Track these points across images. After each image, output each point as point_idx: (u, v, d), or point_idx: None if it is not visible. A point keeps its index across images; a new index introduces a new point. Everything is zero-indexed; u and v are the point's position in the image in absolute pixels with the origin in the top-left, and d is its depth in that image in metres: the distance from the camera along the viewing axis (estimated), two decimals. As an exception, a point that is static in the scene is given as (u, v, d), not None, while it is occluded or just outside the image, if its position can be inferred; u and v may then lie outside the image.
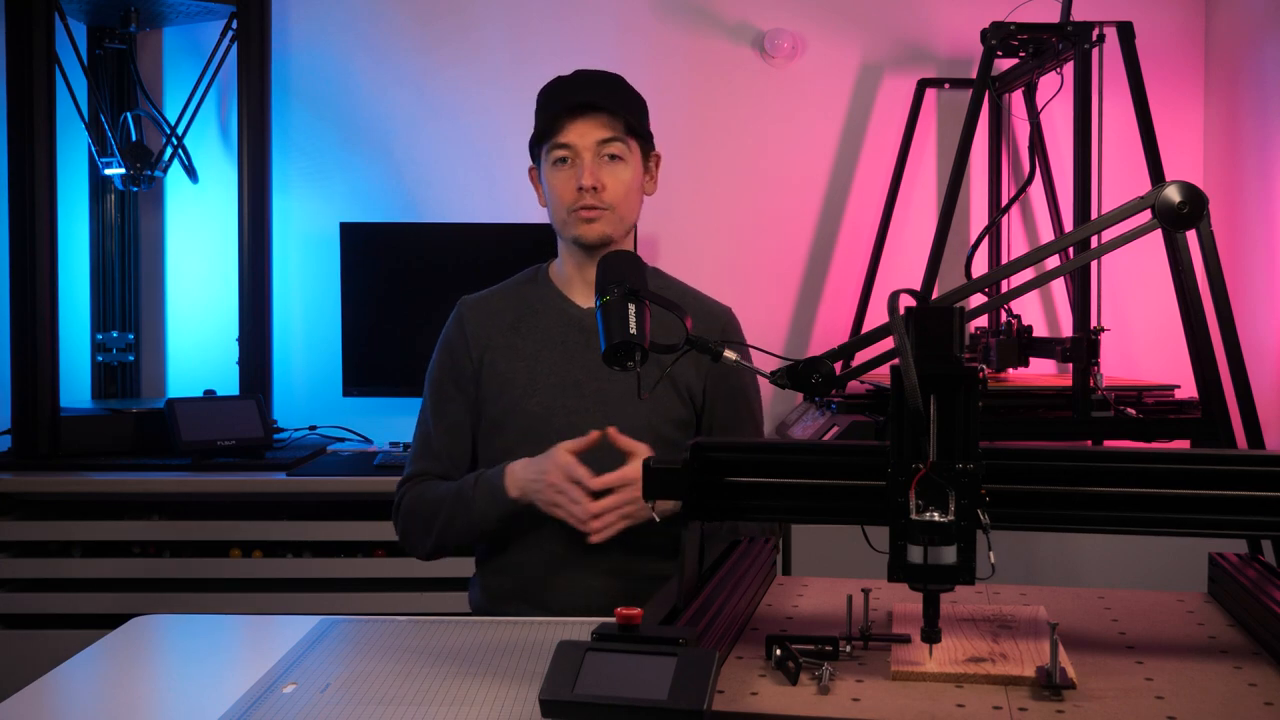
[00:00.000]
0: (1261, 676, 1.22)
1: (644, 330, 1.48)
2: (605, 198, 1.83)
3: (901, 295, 1.23)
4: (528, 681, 1.32)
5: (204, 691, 1.35)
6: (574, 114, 1.82)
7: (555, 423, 1.84)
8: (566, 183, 1.83)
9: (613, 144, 1.83)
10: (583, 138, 1.82)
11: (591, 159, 1.82)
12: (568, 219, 1.85)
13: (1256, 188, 3.23)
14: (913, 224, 3.51)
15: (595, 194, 1.82)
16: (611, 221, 1.84)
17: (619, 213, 1.85)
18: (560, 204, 1.85)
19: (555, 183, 1.85)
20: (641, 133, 1.87)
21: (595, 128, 1.82)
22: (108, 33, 3.32)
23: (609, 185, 1.83)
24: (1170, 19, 3.51)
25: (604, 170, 1.83)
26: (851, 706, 1.13)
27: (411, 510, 1.90)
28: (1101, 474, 1.25)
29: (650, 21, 3.51)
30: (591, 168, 1.82)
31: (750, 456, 1.34)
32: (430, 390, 1.95)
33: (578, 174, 1.82)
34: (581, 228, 1.84)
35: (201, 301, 3.50)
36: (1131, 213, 1.37)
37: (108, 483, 2.91)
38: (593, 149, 1.82)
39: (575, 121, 1.82)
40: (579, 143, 1.82)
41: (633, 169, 1.86)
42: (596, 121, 1.82)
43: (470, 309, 1.95)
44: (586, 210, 1.83)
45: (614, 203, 1.84)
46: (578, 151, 1.82)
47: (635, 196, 1.88)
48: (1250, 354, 2.85)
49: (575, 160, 1.83)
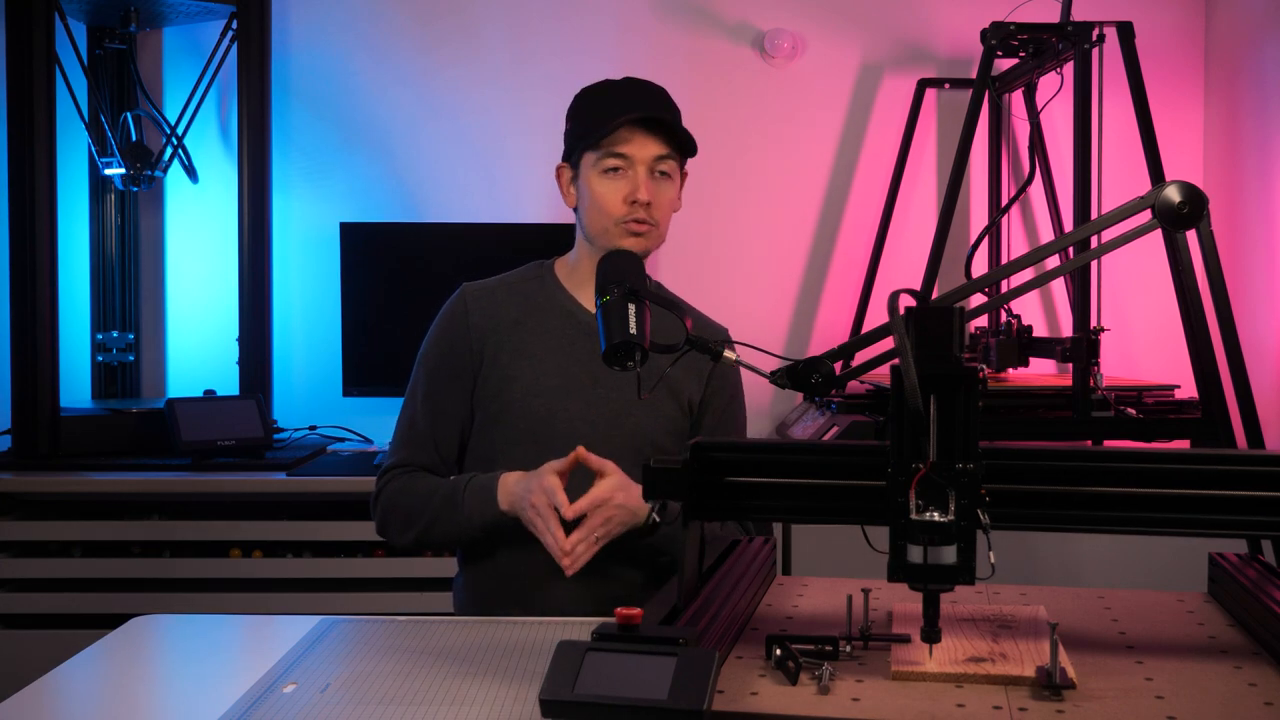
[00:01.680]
0: (1261, 676, 1.22)
1: (644, 330, 1.48)
2: (654, 214, 1.81)
3: (901, 295, 1.23)
4: (528, 681, 1.32)
5: (204, 691, 1.35)
6: (638, 126, 1.79)
7: (557, 425, 1.84)
8: (617, 192, 1.80)
9: (667, 162, 1.82)
10: (642, 150, 1.79)
11: (645, 173, 1.80)
12: (611, 229, 1.81)
13: (1256, 188, 3.23)
14: (913, 224, 3.51)
15: (648, 209, 1.80)
16: (654, 238, 1.83)
17: (661, 230, 1.84)
18: (606, 212, 1.81)
19: (603, 190, 1.81)
20: (689, 153, 1.86)
21: (655, 143, 1.80)
22: (108, 33, 3.32)
23: (658, 202, 1.81)
24: (1170, 19, 3.51)
25: (655, 186, 1.81)
26: (851, 706, 1.13)
27: (393, 503, 1.88)
28: (1101, 474, 1.25)
29: (650, 21, 3.51)
30: (647, 182, 1.80)
31: (750, 456, 1.34)
32: (423, 375, 1.91)
33: (631, 185, 1.80)
34: (628, 240, 1.81)
35: (201, 301, 3.50)
36: (1131, 213, 1.37)
37: (108, 483, 2.91)
38: (648, 163, 1.80)
39: (638, 134, 1.79)
40: (638, 155, 1.79)
41: (676, 188, 1.86)
42: (657, 136, 1.80)
43: (474, 298, 1.91)
44: (637, 224, 1.80)
45: (659, 220, 1.83)
46: (634, 164, 1.80)
47: (671, 214, 1.87)
48: (1250, 354, 2.85)
49: (629, 171, 1.80)
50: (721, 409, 1.91)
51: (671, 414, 1.87)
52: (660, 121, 1.79)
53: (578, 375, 1.86)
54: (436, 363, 1.90)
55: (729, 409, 1.93)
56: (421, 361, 1.92)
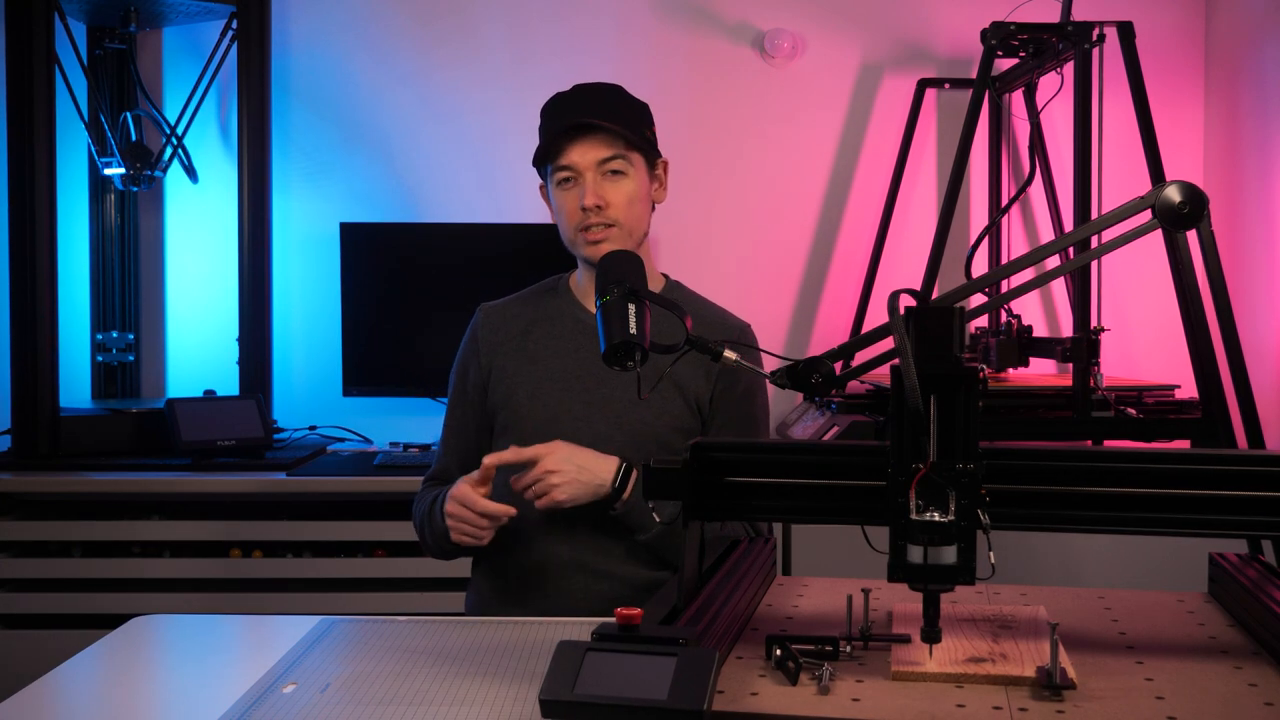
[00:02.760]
0: (1261, 676, 1.22)
1: (644, 330, 1.48)
2: (610, 214, 1.82)
3: (901, 295, 1.23)
4: (528, 681, 1.32)
5: (204, 691, 1.35)
6: (572, 135, 1.81)
7: (560, 429, 1.84)
8: (572, 202, 1.83)
9: (613, 161, 1.83)
10: (583, 157, 1.82)
11: (593, 177, 1.82)
12: (575, 239, 1.86)
13: (1256, 188, 3.23)
14: (913, 224, 3.51)
15: (600, 212, 1.82)
16: (618, 238, 1.84)
17: (625, 227, 1.84)
18: (568, 224, 1.85)
19: (561, 202, 1.85)
20: (642, 145, 1.86)
21: (594, 147, 1.82)
22: (108, 33, 3.32)
23: (612, 201, 1.82)
24: (1170, 19, 3.51)
25: (607, 187, 1.82)
26: (851, 706, 1.13)
27: (416, 515, 1.95)
28: (1101, 474, 1.25)
29: (650, 21, 3.51)
30: (593, 187, 1.81)
31: (750, 456, 1.34)
32: (450, 394, 2.00)
33: (579, 194, 1.82)
34: (588, 249, 1.84)
35: (201, 301, 3.50)
36: (1131, 213, 1.37)
37: (108, 483, 2.91)
38: (594, 168, 1.82)
39: (575, 143, 1.81)
40: (580, 162, 1.82)
41: (637, 181, 1.85)
42: (596, 141, 1.82)
43: (486, 316, 1.98)
44: (592, 231, 1.83)
45: (618, 218, 1.83)
46: (579, 171, 1.82)
47: (641, 207, 1.87)
48: (1250, 354, 2.85)
49: (579, 179, 1.83)
50: (734, 406, 1.90)
51: (677, 412, 1.87)
52: (591, 126, 1.81)
53: (581, 376, 1.87)
54: (456, 382, 1.99)
55: (743, 408, 1.91)
56: (450, 384, 2.01)
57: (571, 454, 1.74)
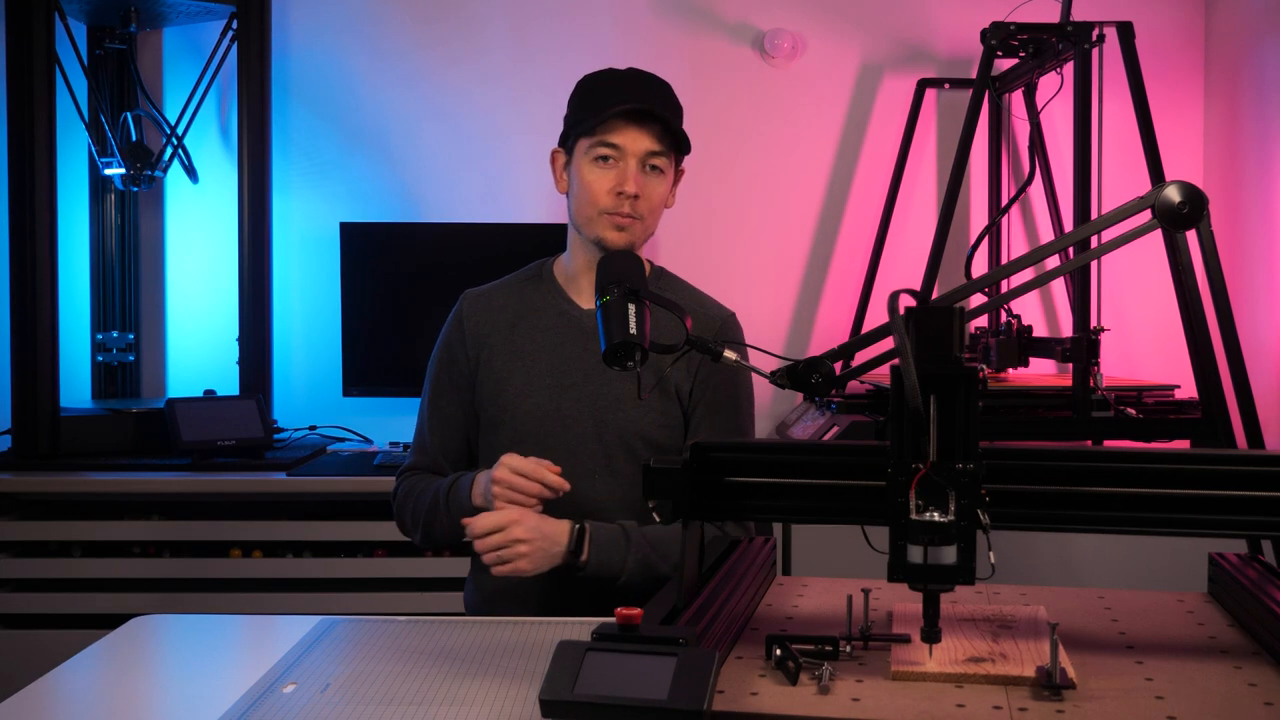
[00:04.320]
0: (1261, 676, 1.22)
1: (644, 330, 1.48)
2: (640, 207, 1.81)
3: (901, 295, 1.23)
4: (528, 681, 1.32)
5: (204, 691, 1.35)
6: (631, 118, 1.79)
7: (547, 425, 1.85)
8: (606, 181, 1.80)
9: (659, 157, 1.81)
10: (634, 143, 1.79)
11: (636, 166, 1.80)
12: (596, 219, 1.82)
13: (1256, 188, 3.23)
14: (913, 224, 3.51)
15: (634, 202, 1.80)
16: (639, 231, 1.83)
17: (647, 224, 1.84)
18: (592, 202, 1.81)
19: (592, 179, 1.81)
20: (681, 150, 1.85)
21: (648, 137, 1.79)
22: (108, 33, 3.32)
23: (646, 196, 1.81)
24: (1170, 19, 3.51)
25: (646, 180, 1.81)
26: (851, 706, 1.13)
27: (402, 505, 1.94)
28: (1101, 474, 1.25)
29: (650, 21, 3.51)
30: (636, 175, 1.79)
31: (750, 456, 1.34)
32: (428, 384, 1.96)
33: (620, 177, 1.79)
34: (611, 233, 1.81)
35: (201, 301, 3.50)
36: (1131, 213, 1.37)
37: (108, 483, 2.91)
38: (640, 156, 1.80)
39: (631, 126, 1.79)
40: (629, 147, 1.79)
41: (667, 183, 1.85)
42: (651, 131, 1.80)
43: (471, 304, 1.95)
44: (622, 216, 1.80)
45: (646, 214, 1.82)
46: (625, 155, 1.79)
47: (661, 210, 1.87)
48: (1250, 354, 2.85)
49: (619, 162, 1.80)
50: (712, 399, 1.88)
51: (662, 406, 1.86)
52: (655, 116, 1.79)
53: (570, 372, 1.87)
54: (438, 371, 1.95)
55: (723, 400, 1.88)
56: (429, 370, 1.97)
57: (539, 523, 1.71)
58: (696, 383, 1.88)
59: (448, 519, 1.82)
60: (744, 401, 1.92)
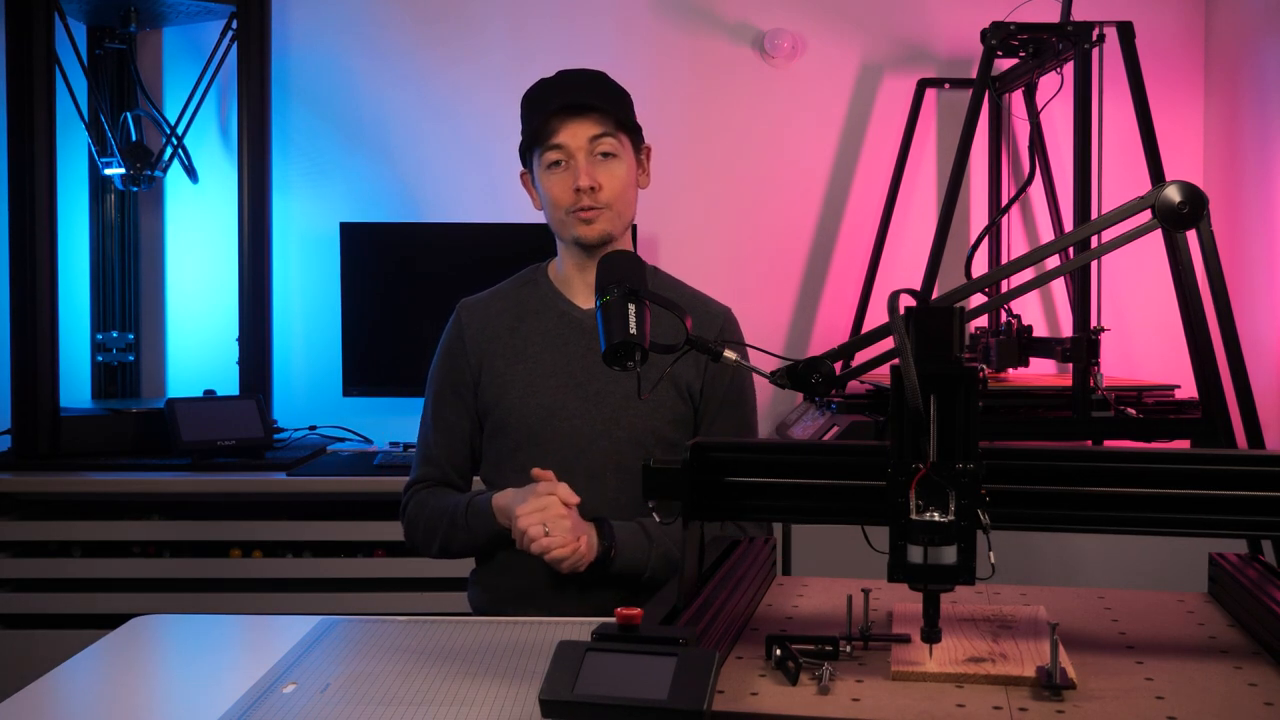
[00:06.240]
0: (1261, 676, 1.22)
1: (644, 330, 1.48)
2: (602, 197, 1.82)
3: (901, 295, 1.23)
4: (528, 681, 1.32)
5: (204, 691, 1.35)
6: (564, 115, 1.82)
7: (555, 425, 1.84)
8: (562, 184, 1.83)
9: (605, 140, 1.83)
10: (575, 137, 1.82)
11: (585, 158, 1.82)
12: (566, 220, 1.84)
13: (1256, 188, 3.23)
14: (913, 224, 3.51)
15: (592, 194, 1.81)
16: (610, 219, 1.84)
17: (616, 210, 1.85)
18: (558, 206, 1.84)
19: (551, 185, 1.84)
20: (631, 126, 1.86)
21: (586, 126, 1.82)
22: (108, 33, 3.32)
23: (605, 183, 1.82)
24: (1170, 19, 3.51)
25: (599, 169, 1.82)
26: (851, 706, 1.13)
27: (414, 519, 1.93)
28: (1101, 474, 1.24)
29: (650, 21, 3.51)
30: (587, 167, 1.81)
31: (750, 456, 1.34)
32: (430, 396, 1.96)
33: (573, 175, 1.82)
34: (581, 228, 1.83)
35: (201, 301, 3.50)
36: (1131, 213, 1.37)
37: (108, 483, 2.91)
38: (586, 148, 1.82)
39: (566, 122, 1.82)
40: (571, 143, 1.82)
41: (626, 165, 1.86)
42: (587, 120, 1.82)
43: (469, 313, 1.96)
44: (585, 211, 1.82)
45: (611, 201, 1.83)
46: (571, 152, 1.82)
47: (631, 192, 1.88)
48: (1250, 354, 2.85)
49: (569, 161, 1.83)
50: (721, 398, 1.89)
51: (671, 403, 1.87)
52: (587, 105, 1.81)
53: (573, 373, 1.87)
54: (440, 382, 1.95)
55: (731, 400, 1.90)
56: (430, 383, 1.97)
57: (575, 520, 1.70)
58: (706, 379, 1.89)
59: (468, 535, 1.84)
60: (750, 397, 1.95)
